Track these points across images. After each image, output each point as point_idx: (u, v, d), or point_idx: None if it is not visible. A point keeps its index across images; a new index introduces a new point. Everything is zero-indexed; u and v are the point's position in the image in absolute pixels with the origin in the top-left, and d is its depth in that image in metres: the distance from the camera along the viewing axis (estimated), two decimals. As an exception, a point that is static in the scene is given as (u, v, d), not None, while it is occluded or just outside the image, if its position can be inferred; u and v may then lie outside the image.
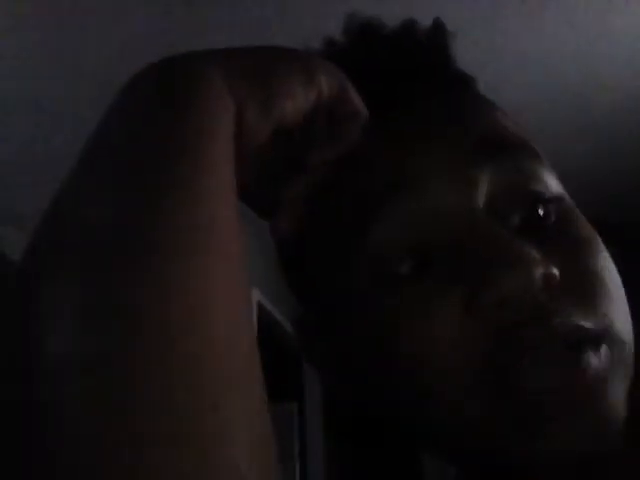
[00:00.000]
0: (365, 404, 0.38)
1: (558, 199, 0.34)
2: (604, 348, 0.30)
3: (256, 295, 2.36)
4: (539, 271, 0.29)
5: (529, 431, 0.30)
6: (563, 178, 0.37)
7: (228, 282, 0.25)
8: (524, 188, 0.33)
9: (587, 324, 0.30)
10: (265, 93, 0.31)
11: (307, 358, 0.40)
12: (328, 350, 0.38)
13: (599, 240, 0.34)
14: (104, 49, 1.55)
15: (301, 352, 0.40)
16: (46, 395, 0.20)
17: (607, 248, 0.35)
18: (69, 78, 1.62)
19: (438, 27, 0.39)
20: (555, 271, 0.30)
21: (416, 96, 0.36)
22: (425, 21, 0.40)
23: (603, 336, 0.31)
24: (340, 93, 0.34)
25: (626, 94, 1.94)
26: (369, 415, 0.39)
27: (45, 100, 1.68)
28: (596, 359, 0.30)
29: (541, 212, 0.33)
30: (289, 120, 0.32)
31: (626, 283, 0.36)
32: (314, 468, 2.70)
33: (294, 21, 1.53)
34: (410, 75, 0.37)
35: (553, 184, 0.34)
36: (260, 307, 2.44)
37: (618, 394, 0.31)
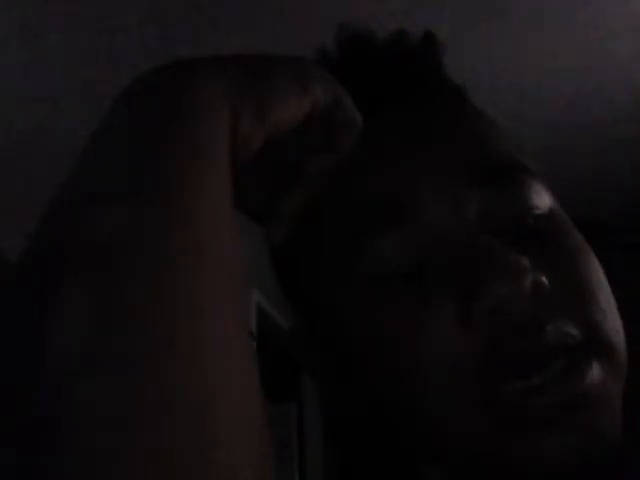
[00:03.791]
0: (361, 411, 0.38)
1: (548, 213, 0.35)
2: (596, 362, 0.31)
3: (255, 296, 2.36)
4: (528, 279, 0.30)
5: (521, 444, 0.30)
6: (561, 181, 0.37)
7: (222, 289, 0.25)
8: (514, 206, 0.34)
9: (577, 332, 0.31)
10: (260, 101, 0.30)
11: (302, 366, 0.40)
12: (323, 358, 0.38)
13: (589, 250, 0.35)
14: (105, 49, 1.55)
15: (296, 360, 0.41)
16: (48, 395, 0.20)
17: (607, 252, 0.35)
18: (68, 78, 1.62)
19: (429, 38, 0.40)
20: (544, 279, 0.31)
21: (408, 109, 0.37)
22: (420, 24, 0.40)
23: (594, 344, 0.31)
24: (335, 101, 0.34)
25: (626, 96, 1.94)
26: (366, 421, 0.39)
27: (45, 100, 1.68)
28: (590, 373, 0.30)
29: (531, 224, 0.34)
30: (284, 128, 0.32)
31: (626, 285, 0.36)
32: (313, 469, 2.70)
33: (294, 25, 1.53)
34: (401, 87, 0.38)
35: (544, 199, 0.35)
36: (259, 308, 2.44)
37: (614, 404, 0.31)
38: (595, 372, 0.30)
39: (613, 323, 0.33)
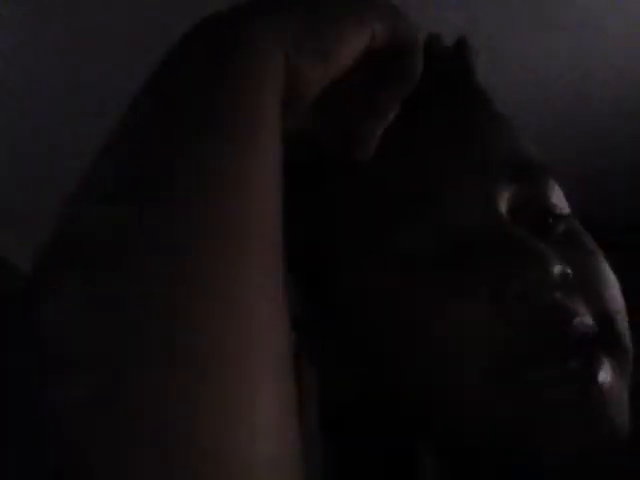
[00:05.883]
0: (371, 396, 0.38)
1: (566, 215, 0.37)
2: (609, 360, 0.31)
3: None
4: (557, 267, 0.31)
5: (533, 435, 0.31)
6: (561, 181, 0.38)
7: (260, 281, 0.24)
8: (539, 203, 0.36)
9: (595, 329, 0.32)
10: (319, 42, 0.30)
11: (306, 355, 0.41)
12: (334, 346, 0.38)
13: (602, 254, 0.37)
14: (103, 50, 1.55)
15: (300, 351, 0.41)
16: (49, 394, 0.20)
17: (607, 253, 0.36)
18: (68, 77, 1.62)
19: (461, 44, 0.42)
20: (570, 270, 0.32)
21: (440, 109, 0.38)
22: (424, 22, 0.40)
23: (608, 342, 0.32)
24: (393, 28, 0.33)
25: (625, 94, 1.94)
26: (369, 408, 0.40)
27: (44, 99, 1.68)
28: (603, 372, 0.31)
29: (550, 223, 0.36)
30: (345, 66, 0.31)
31: (626, 285, 0.36)
32: (311, 468, 2.70)
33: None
34: (433, 89, 0.38)
35: (563, 201, 0.37)
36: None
37: (623, 403, 0.32)
38: (608, 371, 0.31)
39: (624, 323, 0.34)
